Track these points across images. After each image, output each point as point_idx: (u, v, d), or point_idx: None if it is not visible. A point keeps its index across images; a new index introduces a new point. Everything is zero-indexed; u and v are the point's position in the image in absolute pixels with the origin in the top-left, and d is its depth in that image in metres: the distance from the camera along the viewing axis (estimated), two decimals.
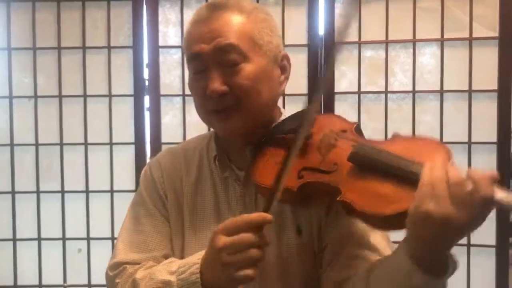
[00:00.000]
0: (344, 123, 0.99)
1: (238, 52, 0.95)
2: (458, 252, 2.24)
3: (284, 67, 1.04)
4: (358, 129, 0.97)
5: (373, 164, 0.84)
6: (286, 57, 1.04)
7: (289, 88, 1.13)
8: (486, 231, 2.06)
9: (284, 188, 0.90)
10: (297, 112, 1.02)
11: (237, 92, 0.95)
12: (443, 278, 0.77)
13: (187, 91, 2.22)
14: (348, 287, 0.90)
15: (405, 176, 0.79)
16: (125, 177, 2.27)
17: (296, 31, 2.17)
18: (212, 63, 0.95)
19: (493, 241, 2.06)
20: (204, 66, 0.96)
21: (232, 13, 0.96)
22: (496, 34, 2.05)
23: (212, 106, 0.96)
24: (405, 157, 0.82)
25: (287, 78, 1.05)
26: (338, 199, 0.84)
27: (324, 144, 0.93)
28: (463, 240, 2.08)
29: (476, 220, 0.73)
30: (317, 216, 0.98)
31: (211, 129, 1.10)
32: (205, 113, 0.99)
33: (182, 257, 1.04)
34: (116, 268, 1.04)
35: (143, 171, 1.15)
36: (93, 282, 2.28)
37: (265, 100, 0.98)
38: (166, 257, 1.03)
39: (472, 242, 2.08)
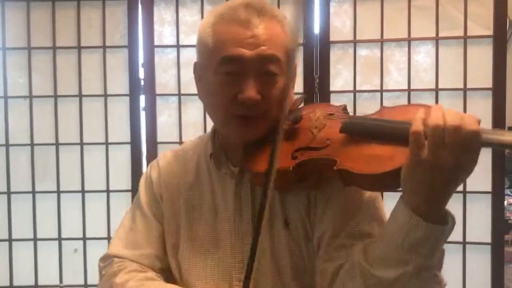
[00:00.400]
0: (331, 107, 1.02)
1: (279, 64, 0.96)
2: (454, 250, 2.24)
3: (294, 75, 1.07)
4: (345, 110, 1.00)
5: (364, 130, 0.88)
6: (295, 68, 1.07)
7: None
8: (482, 229, 2.07)
9: (280, 170, 0.91)
10: None
11: (268, 103, 0.96)
12: (445, 227, 0.78)
13: (183, 91, 2.24)
14: (344, 269, 0.90)
15: (396, 135, 0.81)
16: (121, 177, 2.27)
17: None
18: (252, 70, 0.95)
19: (488, 239, 2.07)
20: (241, 71, 0.95)
21: (271, 21, 0.97)
22: (491, 33, 2.06)
23: (239, 112, 0.96)
24: (393, 119, 0.85)
25: (293, 87, 1.08)
26: (335, 168, 0.86)
27: (314, 125, 0.96)
28: (459, 238, 2.10)
29: (466, 159, 0.74)
30: (298, 210, 0.99)
31: (207, 129, 1.11)
32: (226, 115, 0.99)
33: (175, 255, 1.07)
34: (106, 260, 1.09)
35: (144, 173, 1.18)
36: (89, 282, 2.27)
37: (285, 110, 1.00)
38: (155, 255, 1.07)
39: (467, 239, 2.09)
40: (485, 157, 2.06)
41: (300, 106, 1.07)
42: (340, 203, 0.96)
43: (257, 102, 0.95)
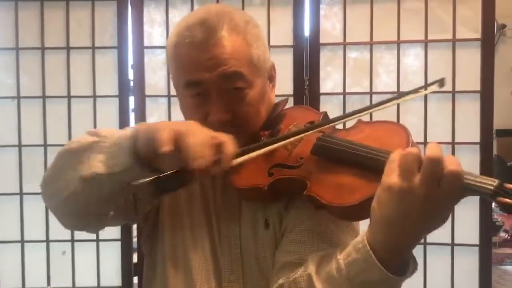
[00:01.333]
0: (312, 114, 1.01)
1: (242, 79, 0.95)
2: (442, 251, 2.24)
3: (272, 76, 1.06)
4: (325, 118, 0.99)
5: (336, 155, 0.86)
6: (273, 67, 1.06)
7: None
8: (470, 230, 2.08)
9: (255, 187, 0.92)
10: (276, 115, 1.04)
11: (240, 119, 0.96)
12: (401, 278, 0.75)
13: (173, 92, 2.22)
14: (286, 271, 0.89)
15: (368, 163, 0.80)
16: None
17: (281, 32, 2.17)
18: (214, 90, 0.94)
19: (476, 240, 2.09)
20: (206, 93, 0.95)
21: (229, 35, 0.94)
22: (479, 36, 2.08)
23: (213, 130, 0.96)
24: (366, 144, 0.84)
25: (274, 86, 1.07)
26: (304, 193, 0.86)
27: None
28: (447, 239, 2.11)
29: (442, 204, 0.70)
30: (279, 211, 1.00)
31: None
32: None
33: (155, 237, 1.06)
34: None
35: None
36: (77, 284, 2.25)
37: (262, 118, 1.01)
38: None
39: (456, 241, 2.10)
40: (472, 158, 2.07)
41: (282, 110, 1.06)
42: (304, 203, 0.94)
43: (227, 121, 0.94)
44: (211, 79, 0.93)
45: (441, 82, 0.93)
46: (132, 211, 1.04)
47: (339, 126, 1.00)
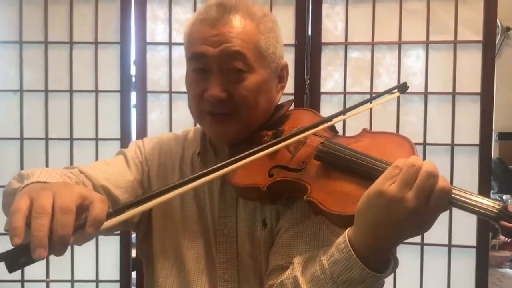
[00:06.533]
0: (316, 119, 1.00)
1: (244, 61, 0.95)
2: (438, 252, 2.24)
3: (282, 77, 1.06)
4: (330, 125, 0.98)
5: (339, 162, 0.86)
6: (285, 67, 1.07)
7: None
8: (467, 232, 2.09)
9: (254, 187, 0.92)
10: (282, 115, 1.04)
11: (236, 101, 0.96)
12: (382, 275, 0.77)
13: (174, 88, 2.24)
14: (276, 274, 0.90)
15: (371, 174, 0.80)
16: None
17: (283, 30, 2.16)
18: (216, 67, 0.95)
19: (473, 242, 2.09)
20: (206, 67, 0.96)
21: (243, 19, 0.96)
22: (481, 38, 2.08)
23: (207, 109, 0.98)
24: (370, 155, 0.84)
25: (283, 88, 1.07)
26: (304, 198, 0.85)
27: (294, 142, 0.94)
28: (445, 241, 2.11)
29: (428, 217, 0.73)
30: (277, 211, 1.00)
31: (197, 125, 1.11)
32: (199, 113, 1.00)
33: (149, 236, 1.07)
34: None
35: (134, 142, 1.16)
36: (76, 277, 2.27)
37: (261, 111, 1.01)
38: (109, 191, 1.02)
39: (453, 242, 2.11)
40: (471, 160, 2.08)
41: (286, 111, 1.05)
42: (301, 205, 0.95)
43: (222, 99, 0.95)
44: (213, 55, 0.94)
45: (403, 87, 0.94)
46: (122, 225, 1.05)
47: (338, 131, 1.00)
